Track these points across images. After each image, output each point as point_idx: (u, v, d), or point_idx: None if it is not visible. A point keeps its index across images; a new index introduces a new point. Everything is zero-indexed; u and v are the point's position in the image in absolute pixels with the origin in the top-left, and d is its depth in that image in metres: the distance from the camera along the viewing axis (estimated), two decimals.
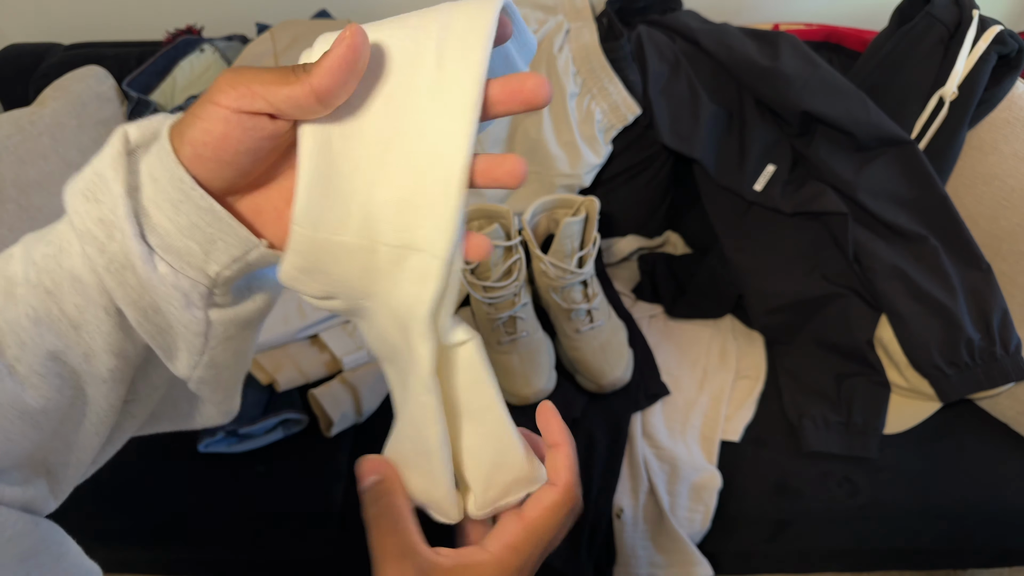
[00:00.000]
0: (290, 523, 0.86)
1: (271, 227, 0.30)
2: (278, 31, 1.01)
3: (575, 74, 0.99)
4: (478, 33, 0.26)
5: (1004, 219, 0.91)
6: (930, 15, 0.90)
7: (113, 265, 0.27)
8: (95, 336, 0.28)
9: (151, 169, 0.27)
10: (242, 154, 0.26)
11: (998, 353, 0.83)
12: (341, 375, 0.92)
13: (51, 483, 0.31)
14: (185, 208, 0.26)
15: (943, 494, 0.84)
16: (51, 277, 0.27)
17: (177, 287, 0.27)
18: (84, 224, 0.26)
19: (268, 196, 0.29)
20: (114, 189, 0.26)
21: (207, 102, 0.25)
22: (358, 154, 0.27)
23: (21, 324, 0.27)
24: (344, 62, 0.24)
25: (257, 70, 0.25)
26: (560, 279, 0.91)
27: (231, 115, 0.25)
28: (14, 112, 0.89)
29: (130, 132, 0.27)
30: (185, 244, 0.27)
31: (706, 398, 0.94)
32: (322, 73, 0.24)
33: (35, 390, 0.28)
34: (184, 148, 0.26)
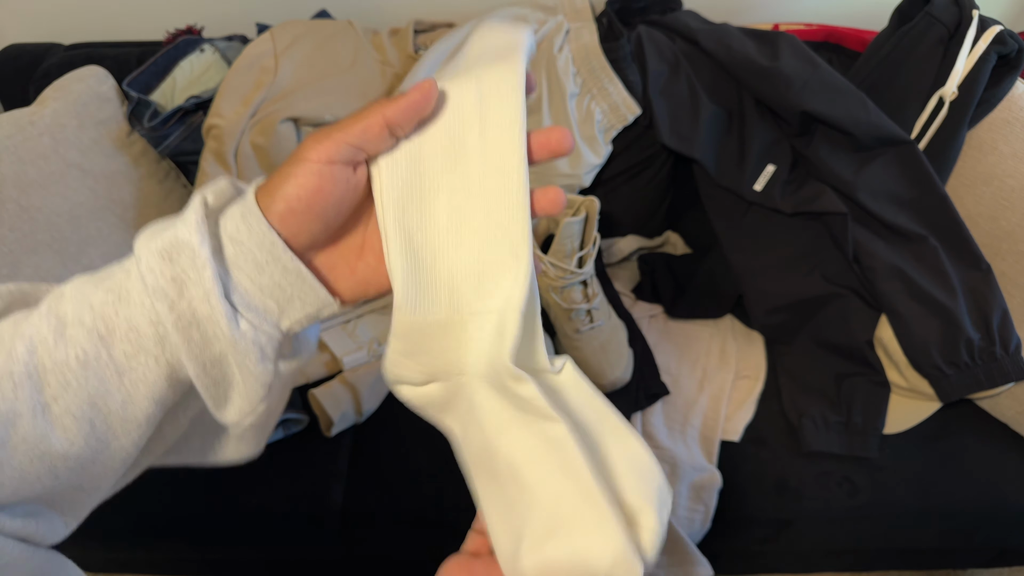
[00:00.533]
0: (290, 523, 0.86)
1: (344, 281, 0.33)
2: (278, 31, 1.01)
3: (575, 74, 0.99)
4: (512, 107, 0.30)
5: (1004, 219, 0.91)
6: (930, 15, 0.90)
7: (181, 322, 0.28)
8: (138, 384, 0.29)
9: (233, 232, 0.29)
10: (331, 206, 0.29)
11: (998, 353, 0.83)
12: (341, 375, 0.92)
13: (62, 515, 0.32)
14: (269, 269, 0.29)
15: (943, 494, 0.84)
16: (106, 324, 0.28)
17: (256, 343, 0.29)
18: (157, 282, 0.28)
19: (341, 252, 0.32)
20: (200, 252, 0.28)
21: (298, 160, 0.29)
22: (436, 241, 0.31)
23: (69, 365, 0.28)
24: (414, 105, 0.29)
25: (337, 123, 0.29)
26: (560, 279, 0.91)
27: (323, 167, 0.28)
28: (14, 112, 0.89)
29: (208, 197, 0.30)
30: (264, 302, 0.30)
31: (706, 398, 0.94)
32: (394, 109, 0.29)
33: (64, 432, 0.28)
34: (276, 205, 0.29)
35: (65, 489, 0.30)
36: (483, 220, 0.30)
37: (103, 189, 0.94)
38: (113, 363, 0.29)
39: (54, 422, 0.28)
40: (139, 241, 0.29)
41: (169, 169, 1.06)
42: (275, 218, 0.29)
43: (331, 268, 0.32)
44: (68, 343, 0.28)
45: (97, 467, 0.30)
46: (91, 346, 0.28)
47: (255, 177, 0.97)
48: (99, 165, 0.94)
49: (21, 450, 0.28)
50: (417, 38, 1.07)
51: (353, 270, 0.33)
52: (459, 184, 0.30)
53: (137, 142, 1.00)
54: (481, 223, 0.30)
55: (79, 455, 0.29)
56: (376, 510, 0.86)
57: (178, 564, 1.05)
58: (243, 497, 0.85)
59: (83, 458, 0.29)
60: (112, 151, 0.97)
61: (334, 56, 1.01)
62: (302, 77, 0.98)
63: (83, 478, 0.30)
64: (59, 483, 0.29)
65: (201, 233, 0.28)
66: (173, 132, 0.98)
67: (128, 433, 0.30)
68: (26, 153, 0.86)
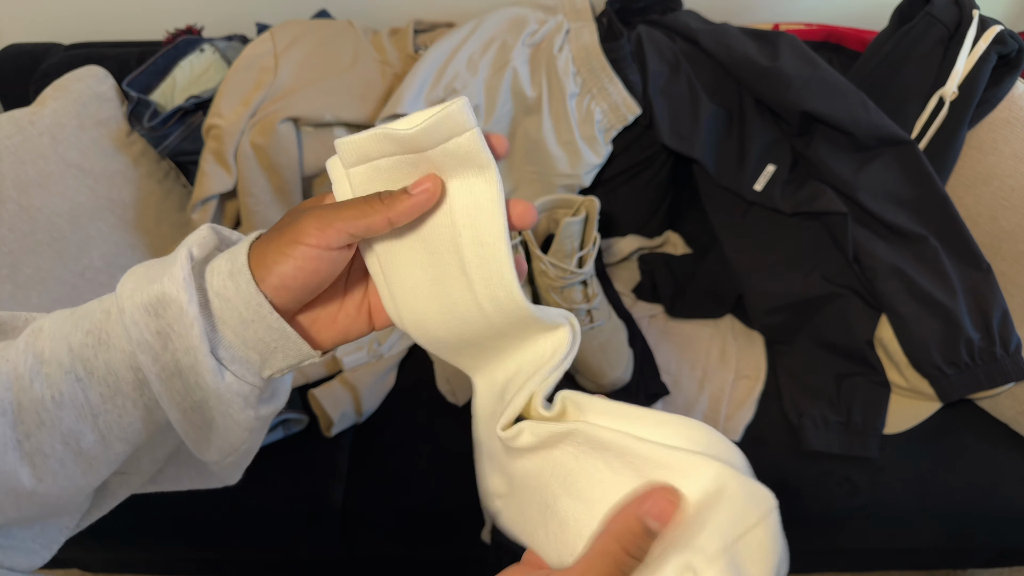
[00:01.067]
0: (290, 523, 0.86)
1: (325, 332, 0.34)
2: (278, 31, 1.01)
3: (575, 74, 0.99)
4: (495, 217, 0.30)
5: (1004, 219, 0.91)
6: (930, 15, 0.90)
7: (164, 373, 0.29)
8: (112, 426, 0.30)
9: (219, 288, 0.30)
10: (323, 283, 0.31)
11: (998, 353, 0.83)
12: (341, 375, 0.92)
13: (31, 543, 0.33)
14: (255, 327, 0.30)
15: (943, 494, 0.84)
16: (85, 366, 0.29)
17: (239, 393, 0.30)
18: (142, 335, 0.29)
19: (324, 306, 0.34)
20: (188, 311, 0.28)
21: (297, 243, 0.29)
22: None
23: (44, 404, 0.28)
24: (419, 206, 0.30)
25: (337, 206, 0.30)
26: (560, 279, 0.91)
27: (322, 253, 0.30)
28: (14, 112, 0.89)
29: (193, 250, 0.30)
30: (247, 354, 0.30)
31: (706, 398, 0.94)
32: (399, 211, 0.30)
33: (34, 469, 0.29)
34: (270, 279, 0.29)
35: (23, 521, 0.31)
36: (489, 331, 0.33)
37: (103, 189, 0.94)
38: (89, 405, 0.29)
39: (24, 459, 0.29)
40: (123, 291, 0.29)
41: (169, 169, 1.06)
42: (268, 289, 0.29)
43: (313, 322, 0.34)
44: (44, 382, 0.29)
45: (61, 502, 0.31)
46: (68, 387, 0.29)
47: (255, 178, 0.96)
48: (99, 165, 0.94)
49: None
50: (417, 38, 1.07)
51: (334, 321, 0.34)
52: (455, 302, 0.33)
53: (137, 142, 1.00)
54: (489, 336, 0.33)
55: (46, 492, 0.29)
56: (376, 510, 0.86)
57: (178, 564, 1.05)
58: (243, 497, 0.85)
59: (49, 495, 0.30)
60: (112, 151, 0.97)
61: (334, 56, 1.01)
62: (302, 77, 0.98)
63: (45, 512, 0.31)
64: (20, 516, 0.30)
65: (189, 291, 0.29)
66: (173, 132, 0.98)
67: (97, 471, 0.31)
68: (26, 153, 0.86)
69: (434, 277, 0.32)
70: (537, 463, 0.32)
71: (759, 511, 0.27)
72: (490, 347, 0.34)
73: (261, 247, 0.30)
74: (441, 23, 1.09)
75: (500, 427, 0.31)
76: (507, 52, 0.99)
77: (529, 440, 0.31)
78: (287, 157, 0.94)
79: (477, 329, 0.32)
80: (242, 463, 0.35)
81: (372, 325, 0.36)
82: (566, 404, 0.32)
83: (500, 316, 0.32)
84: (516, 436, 0.31)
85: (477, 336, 0.33)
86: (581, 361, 0.92)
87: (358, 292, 0.35)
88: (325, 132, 0.97)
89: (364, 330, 0.36)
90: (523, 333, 0.33)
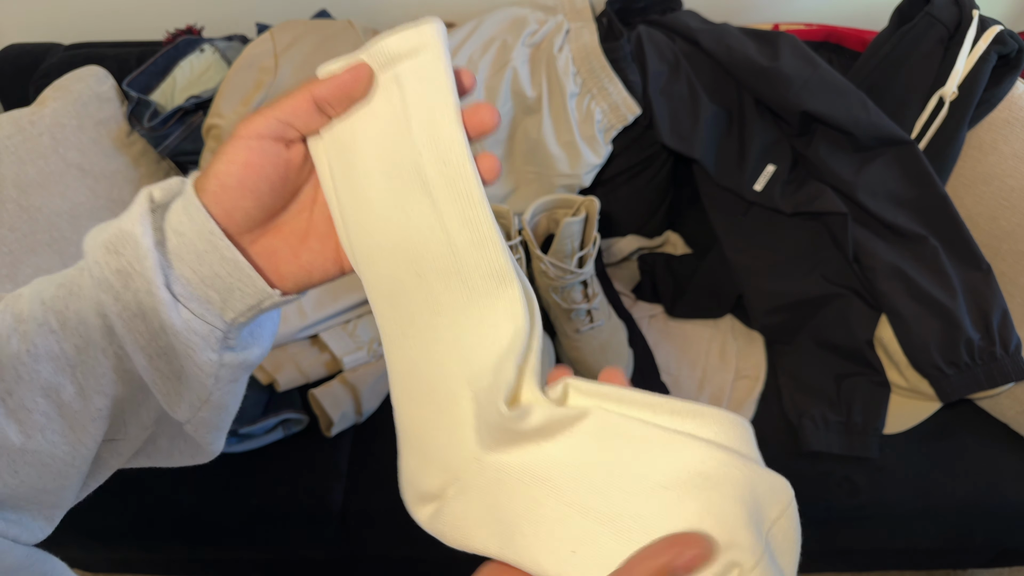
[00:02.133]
0: (290, 523, 0.86)
1: (286, 266, 0.32)
2: (278, 31, 1.01)
3: (575, 74, 0.99)
4: (456, 146, 0.29)
5: (1004, 219, 0.91)
6: (930, 15, 0.90)
7: (126, 313, 0.29)
8: (88, 376, 0.30)
9: (176, 224, 0.29)
10: (263, 180, 0.30)
11: (998, 353, 0.83)
12: (341, 375, 0.92)
13: (32, 518, 0.32)
14: (208, 259, 0.29)
15: (943, 494, 0.84)
16: (57, 318, 0.29)
17: (198, 333, 0.30)
18: (102, 273, 0.28)
19: (284, 237, 0.32)
20: (142, 243, 0.28)
21: (230, 138, 0.29)
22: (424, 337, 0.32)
23: (21, 359, 0.29)
24: (343, 84, 0.30)
25: (271, 103, 0.30)
26: (560, 279, 0.91)
27: (252, 142, 0.29)
28: (14, 112, 0.89)
29: (154, 192, 0.30)
30: (205, 292, 0.30)
31: (706, 398, 0.94)
32: (323, 89, 0.29)
33: (20, 425, 0.29)
34: (209, 183, 0.29)
35: (29, 491, 0.31)
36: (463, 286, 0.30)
37: (103, 189, 0.94)
38: (65, 356, 0.29)
39: (9, 415, 0.29)
40: (88, 236, 0.30)
41: (169, 169, 1.06)
42: (209, 197, 0.29)
43: (272, 254, 0.32)
44: (20, 338, 0.29)
45: (57, 464, 0.31)
46: (42, 340, 0.29)
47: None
48: (99, 165, 0.94)
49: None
50: None
51: (296, 255, 0.33)
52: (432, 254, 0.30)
53: (137, 142, 1.00)
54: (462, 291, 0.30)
55: (37, 450, 0.29)
56: (376, 510, 0.86)
57: (178, 564, 1.05)
58: (243, 497, 0.85)
59: (41, 452, 0.30)
60: (112, 151, 0.97)
61: (334, 56, 1.01)
62: (302, 77, 0.98)
63: (45, 478, 0.31)
64: (21, 482, 0.30)
65: (144, 224, 0.28)
66: (173, 132, 0.98)
67: (83, 427, 0.31)
68: (26, 153, 0.86)
69: (393, 201, 0.31)
70: (533, 453, 0.28)
71: (781, 503, 0.26)
72: (441, 290, 0.31)
73: (204, 168, 0.30)
74: None
75: (503, 401, 0.28)
76: (507, 52, 0.99)
77: (538, 421, 0.27)
78: None
79: (436, 257, 0.30)
80: (216, 424, 0.34)
81: (340, 266, 0.34)
82: (568, 390, 0.29)
83: (467, 239, 0.30)
84: (523, 416, 0.28)
85: (434, 269, 0.30)
86: (581, 361, 0.92)
87: (323, 225, 0.33)
88: None
89: (331, 270, 0.34)
90: (481, 275, 0.30)
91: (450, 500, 0.30)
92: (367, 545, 0.89)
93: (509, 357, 0.29)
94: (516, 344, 0.29)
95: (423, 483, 0.31)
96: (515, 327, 0.29)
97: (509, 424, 0.28)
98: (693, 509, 0.25)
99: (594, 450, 0.27)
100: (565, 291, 0.93)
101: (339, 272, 0.34)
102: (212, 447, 0.36)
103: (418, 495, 0.31)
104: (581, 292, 0.94)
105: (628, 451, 0.27)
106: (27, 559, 0.31)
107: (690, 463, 0.26)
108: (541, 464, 0.28)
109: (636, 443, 0.27)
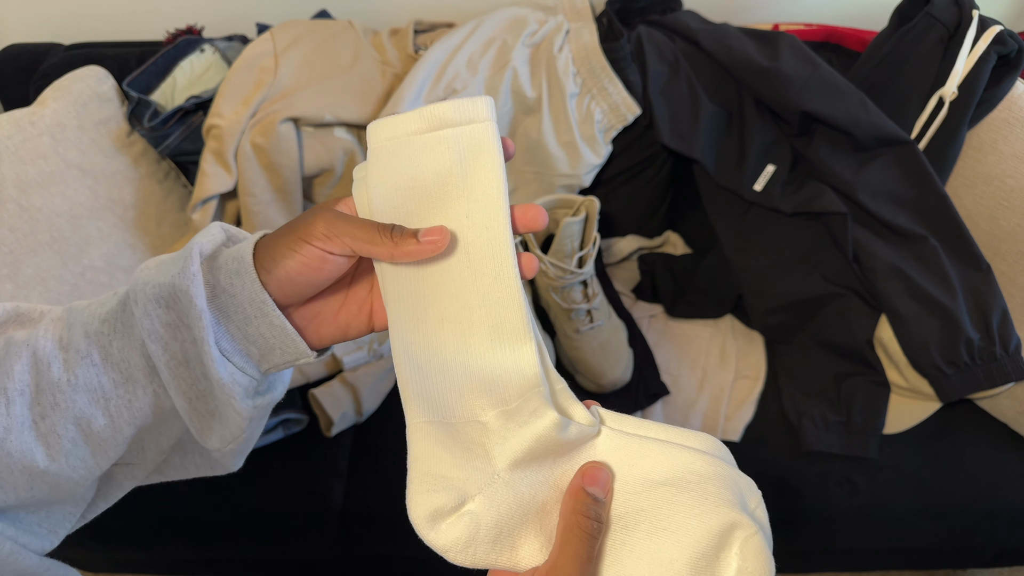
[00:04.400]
0: (290, 523, 0.86)
1: (326, 327, 0.35)
2: (278, 31, 1.01)
3: (575, 74, 0.99)
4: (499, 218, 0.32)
5: (1004, 219, 0.91)
6: (930, 15, 0.90)
7: (172, 362, 0.31)
8: (122, 410, 0.31)
9: (227, 286, 0.31)
10: (325, 281, 0.33)
11: (998, 353, 0.83)
12: (341, 375, 0.92)
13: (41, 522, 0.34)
14: (257, 323, 0.32)
15: (943, 494, 0.84)
16: (100, 352, 0.31)
17: (239, 384, 0.32)
18: (153, 325, 0.30)
19: (326, 302, 0.35)
20: (196, 303, 0.30)
21: (305, 242, 0.31)
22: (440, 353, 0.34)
23: (60, 387, 0.30)
24: (422, 255, 0.32)
25: (348, 221, 0.32)
26: (560, 279, 0.91)
27: (327, 256, 0.31)
28: (14, 112, 0.89)
29: (204, 247, 0.32)
30: (248, 349, 0.32)
31: (706, 398, 0.94)
32: (404, 252, 0.31)
33: (48, 448, 0.30)
34: (277, 272, 0.31)
35: (38, 504, 0.32)
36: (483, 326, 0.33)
37: (103, 189, 0.94)
38: (102, 389, 0.31)
39: (39, 439, 0.30)
40: (137, 284, 0.31)
41: (169, 169, 1.06)
42: (272, 282, 0.31)
43: (315, 316, 0.35)
44: (62, 366, 0.30)
45: (69, 484, 0.32)
46: (83, 371, 0.30)
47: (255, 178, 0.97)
48: (99, 165, 0.94)
49: (4, 463, 0.30)
50: (417, 38, 1.07)
51: (335, 317, 0.35)
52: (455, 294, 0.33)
53: (137, 142, 1.00)
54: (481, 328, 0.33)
55: (57, 472, 0.31)
56: (376, 510, 0.86)
57: (178, 564, 1.05)
58: (243, 497, 0.85)
59: (60, 476, 0.31)
60: (112, 151, 0.97)
61: (334, 56, 1.01)
62: (302, 77, 0.98)
63: (55, 494, 0.32)
64: (32, 496, 0.31)
65: (198, 286, 0.30)
66: (173, 132, 0.98)
67: (105, 453, 0.32)
68: (26, 153, 0.86)
69: (438, 268, 0.33)
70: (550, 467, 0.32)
71: (756, 497, 0.32)
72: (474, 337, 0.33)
73: (270, 241, 0.32)
74: (441, 23, 1.09)
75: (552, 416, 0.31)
76: (507, 52, 0.99)
77: (573, 435, 0.31)
78: (287, 157, 0.94)
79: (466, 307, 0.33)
80: (243, 450, 0.36)
81: (372, 325, 0.36)
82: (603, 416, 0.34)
83: (495, 299, 0.33)
84: (566, 427, 0.31)
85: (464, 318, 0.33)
86: (581, 361, 0.92)
87: (362, 290, 0.36)
88: (325, 132, 0.97)
89: (363, 329, 0.36)
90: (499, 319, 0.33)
91: (467, 515, 0.31)
92: (367, 545, 0.89)
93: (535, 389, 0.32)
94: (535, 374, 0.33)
95: (436, 499, 0.31)
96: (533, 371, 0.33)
97: (552, 432, 0.31)
98: (687, 499, 0.30)
99: (608, 462, 0.32)
100: (565, 291, 0.93)
101: (370, 330, 0.37)
102: (234, 466, 0.38)
103: (430, 511, 0.31)
104: (581, 292, 0.94)
105: (631, 460, 0.32)
106: (40, 565, 0.33)
107: (685, 464, 0.31)
108: (561, 475, 0.32)
109: (639, 453, 0.32)
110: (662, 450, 0.32)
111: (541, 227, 0.34)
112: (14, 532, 0.32)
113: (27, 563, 0.32)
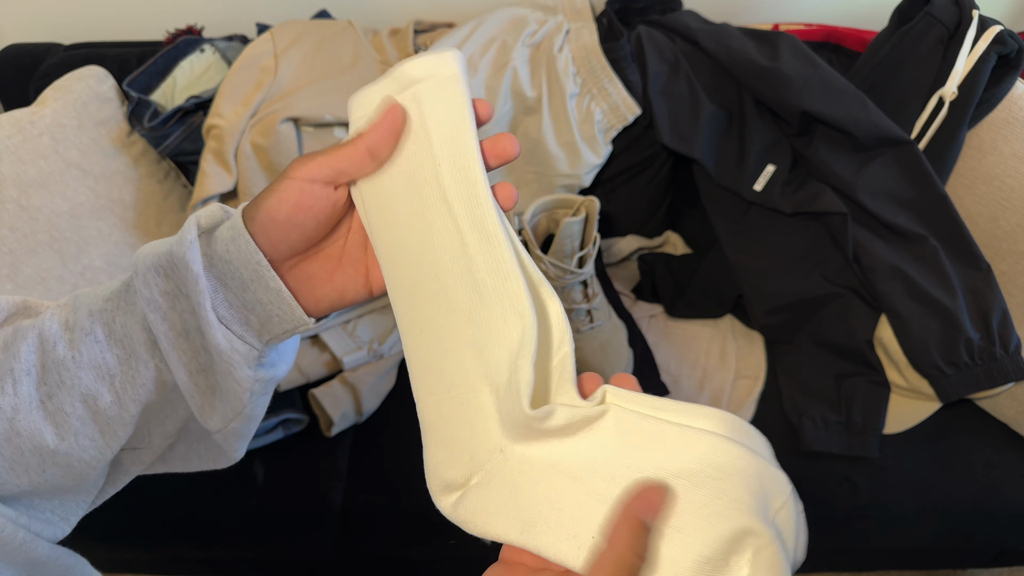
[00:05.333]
0: (290, 523, 0.86)
1: (321, 289, 0.35)
2: (278, 31, 1.01)
3: (575, 74, 0.99)
4: (470, 156, 0.32)
5: (1004, 219, 0.91)
6: (930, 15, 0.90)
7: (172, 332, 0.31)
8: (127, 386, 0.32)
9: (222, 252, 0.31)
10: (311, 218, 0.32)
11: (998, 353, 0.83)
12: (341, 375, 0.92)
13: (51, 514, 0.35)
14: (254, 287, 0.31)
15: (943, 494, 0.84)
16: (104, 329, 0.31)
17: (238, 352, 0.32)
18: (152, 294, 0.31)
19: (320, 262, 0.35)
20: (193, 268, 0.30)
21: (282, 178, 0.31)
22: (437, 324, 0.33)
23: (66, 365, 0.31)
24: (389, 128, 0.32)
25: (320, 151, 0.32)
26: (560, 279, 0.91)
27: (304, 184, 0.31)
28: (14, 112, 0.89)
29: (200, 219, 0.32)
30: (247, 316, 0.32)
31: (706, 398, 0.94)
32: (375, 137, 0.31)
33: (56, 427, 0.31)
34: (258, 215, 0.31)
35: (51, 489, 0.33)
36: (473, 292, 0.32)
37: (103, 189, 0.94)
38: (107, 366, 0.31)
39: (48, 418, 0.31)
40: (137, 256, 0.32)
41: (169, 169, 1.06)
42: (257, 227, 0.31)
43: (309, 278, 0.34)
44: (67, 345, 0.31)
45: (81, 466, 0.32)
46: (87, 348, 0.31)
47: (255, 178, 0.97)
48: (99, 165, 0.94)
49: (14, 443, 0.30)
50: (417, 38, 1.07)
51: (331, 278, 0.35)
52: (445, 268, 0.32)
53: (137, 142, 1.00)
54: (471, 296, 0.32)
55: (68, 452, 0.31)
56: (376, 510, 0.86)
57: (178, 564, 1.05)
58: (243, 497, 0.85)
59: (71, 455, 0.32)
60: (112, 151, 0.97)
61: (334, 56, 1.01)
62: (302, 77, 0.98)
63: (67, 478, 0.32)
64: (45, 480, 0.32)
65: (194, 252, 0.30)
66: (173, 132, 0.98)
67: (114, 432, 0.32)
68: (26, 153, 0.86)
69: (415, 207, 0.33)
70: (556, 447, 0.30)
71: (782, 495, 0.28)
72: (456, 289, 0.32)
73: (254, 199, 0.32)
74: (441, 23, 1.09)
75: (527, 401, 0.29)
76: (507, 52, 0.99)
77: (561, 421, 0.29)
78: (287, 157, 0.94)
79: (451, 258, 0.32)
80: (245, 433, 0.36)
81: (370, 289, 0.36)
82: (606, 396, 0.31)
83: (476, 238, 0.32)
84: (547, 416, 0.29)
85: (449, 270, 0.32)
86: (581, 361, 0.92)
87: (356, 251, 0.36)
88: (325, 132, 0.97)
89: (361, 292, 0.36)
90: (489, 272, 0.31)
91: (473, 489, 0.31)
92: (367, 545, 0.89)
93: (523, 354, 0.30)
94: (527, 341, 0.30)
95: (447, 473, 0.32)
96: (523, 324, 0.30)
97: (533, 423, 0.29)
98: (699, 497, 0.27)
99: (613, 444, 0.29)
100: (565, 291, 0.93)
101: (368, 294, 0.36)
102: (237, 453, 0.38)
103: (442, 485, 0.32)
104: (581, 292, 0.94)
105: (644, 445, 0.29)
106: (52, 553, 0.33)
107: (703, 454, 0.28)
108: (563, 457, 0.29)
109: (651, 437, 0.29)
110: (679, 436, 0.28)
111: (513, 155, 0.33)
112: (27, 520, 0.32)
113: (39, 551, 0.32)
